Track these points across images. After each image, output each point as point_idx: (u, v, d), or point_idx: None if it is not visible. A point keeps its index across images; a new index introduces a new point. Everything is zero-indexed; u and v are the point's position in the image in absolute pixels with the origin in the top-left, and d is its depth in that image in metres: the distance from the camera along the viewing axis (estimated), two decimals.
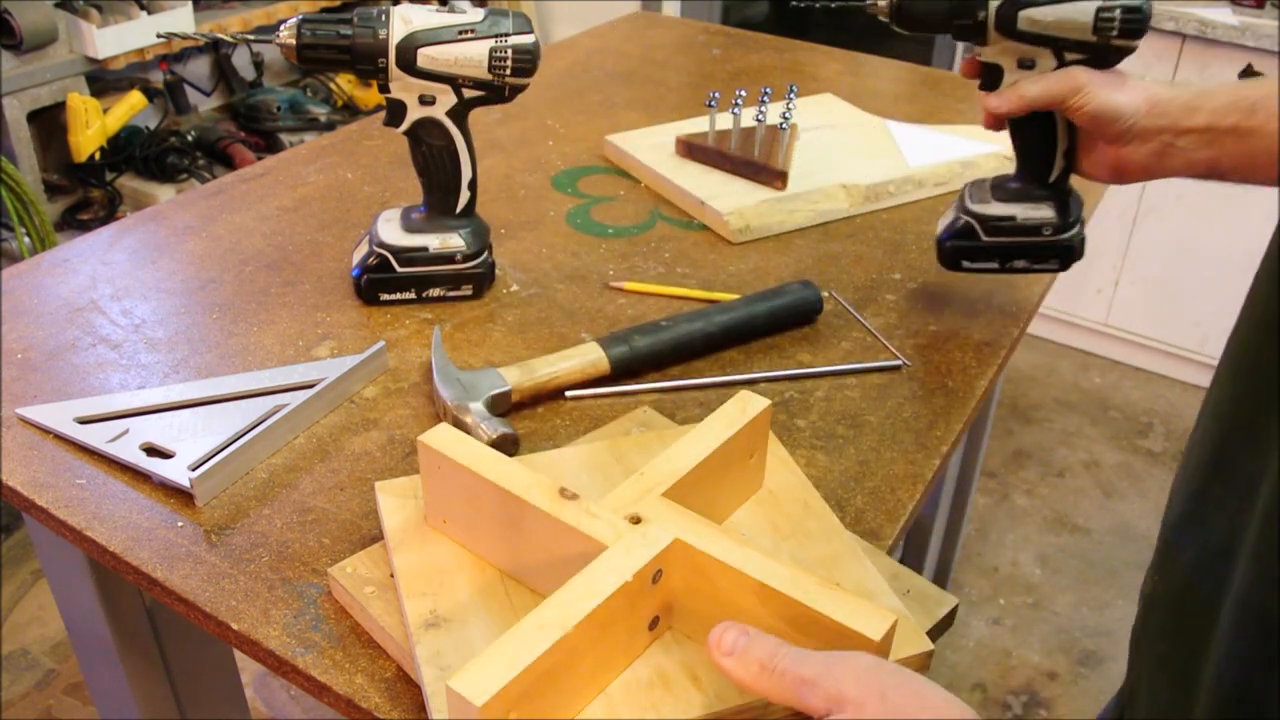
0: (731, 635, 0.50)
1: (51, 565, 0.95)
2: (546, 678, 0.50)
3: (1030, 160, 0.93)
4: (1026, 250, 0.95)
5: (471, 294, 1.00)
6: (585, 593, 0.52)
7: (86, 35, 2.27)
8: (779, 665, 0.48)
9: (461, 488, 0.63)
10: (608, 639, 0.54)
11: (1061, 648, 1.96)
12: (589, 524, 0.58)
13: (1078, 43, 0.85)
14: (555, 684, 0.51)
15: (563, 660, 0.50)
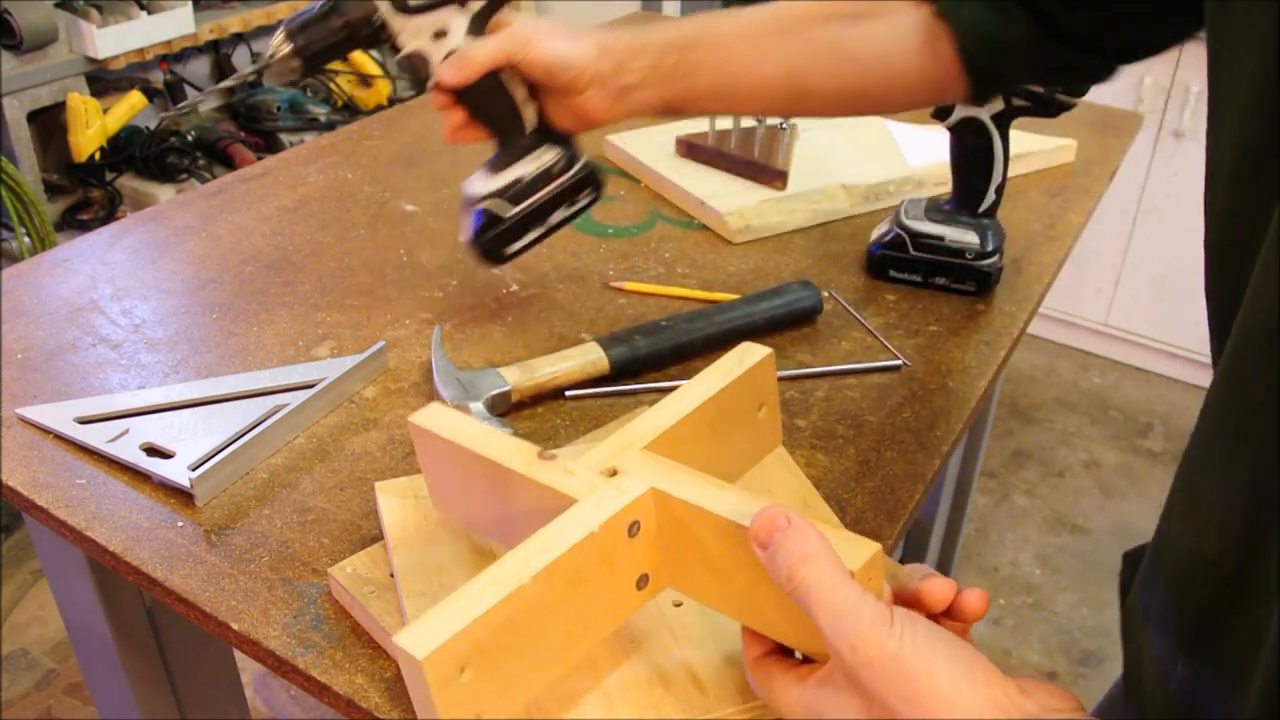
0: (768, 526, 0.46)
1: (51, 565, 0.95)
2: (507, 634, 0.47)
3: (965, 190, 1.02)
4: (948, 270, 1.03)
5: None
6: (546, 545, 0.50)
7: (86, 35, 2.27)
8: (798, 581, 0.45)
9: (454, 465, 0.62)
10: (581, 596, 0.51)
11: (1061, 648, 1.96)
12: (563, 481, 0.55)
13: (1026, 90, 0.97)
14: (521, 641, 0.48)
15: (524, 616, 0.48)
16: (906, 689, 0.41)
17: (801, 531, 0.45)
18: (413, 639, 0.44)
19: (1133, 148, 1.45)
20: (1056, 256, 1.11)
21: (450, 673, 0.45)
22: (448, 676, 0.45)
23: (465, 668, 0.45)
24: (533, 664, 0.49)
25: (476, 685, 0.46)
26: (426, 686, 0.44)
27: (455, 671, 0.45)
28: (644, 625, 0.62)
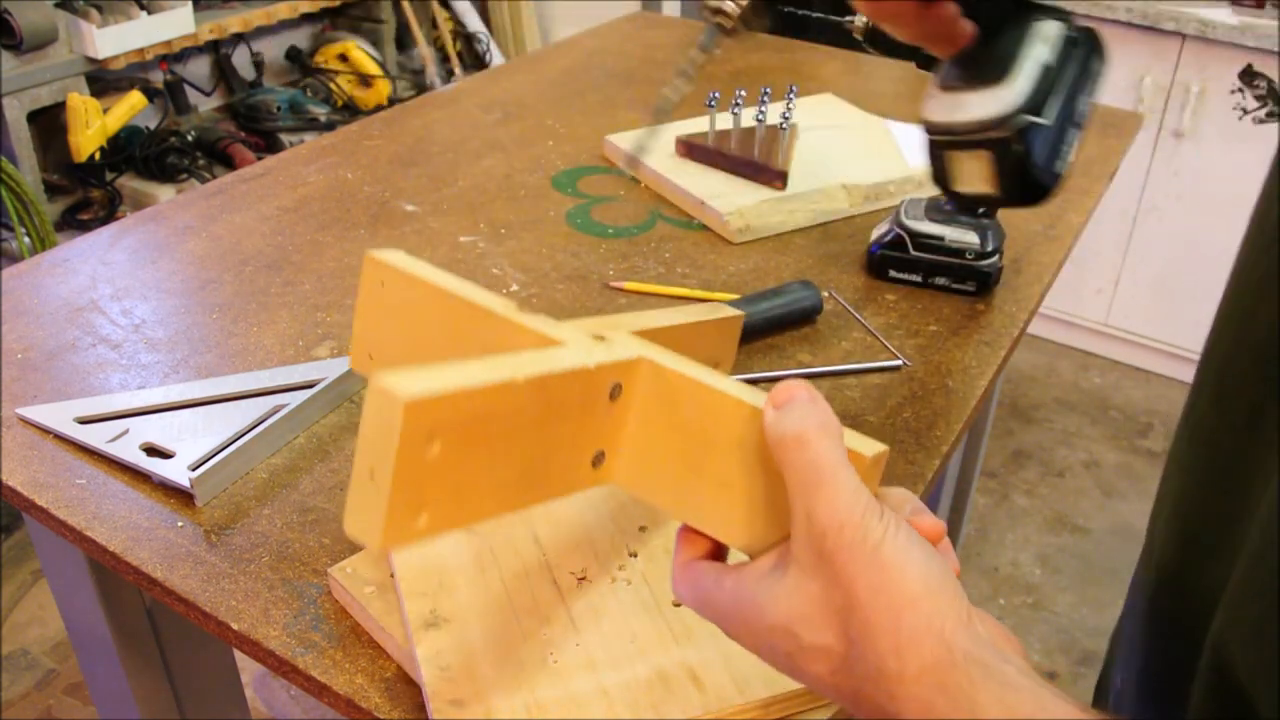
0: (789, 391, 0.44)
1: (51, 565, 0.95)
2: (481, 427, 0.42)
3: None
4: (948, 270, 1.02)
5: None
6: (539, 360, 0.45)
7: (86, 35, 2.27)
8: (807, 442, 0.43)
9: (414, 309, 0.55)
10: (553, 433, 0.46)
11: (1061, 648, 1.96)
12: (551, 328, 0.50)
13: None
14: (490, 445, 0.43)
15: (503, 418, 0.43)
16: (877, 579, 0.40)
17: (822, 406, 0.44)
18: (400, 381, 0.39)
19: (1133, 148, 1.45)
20: (1056, 256, 1.11)
21: (421, 434, 0.39)
22: (418, 438, 0.39)
23: (436, 438, 0.40)
24: (488, 482, 0.44)
25: (435, 470, 0.41)
26: (396, 435, 0.39)
27: (425, 437, 0.40)
28: (644, 625, 0.62)
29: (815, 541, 0.42)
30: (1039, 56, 0.62)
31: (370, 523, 0.39)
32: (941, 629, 0.40)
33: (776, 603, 0.43)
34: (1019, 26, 0.63)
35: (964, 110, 0.62)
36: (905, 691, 0.39)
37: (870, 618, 0.40)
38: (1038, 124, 0.62)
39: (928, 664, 0.39)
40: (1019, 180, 0.63)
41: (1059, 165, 0.65)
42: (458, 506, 0.43)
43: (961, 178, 0.65)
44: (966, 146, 0.62)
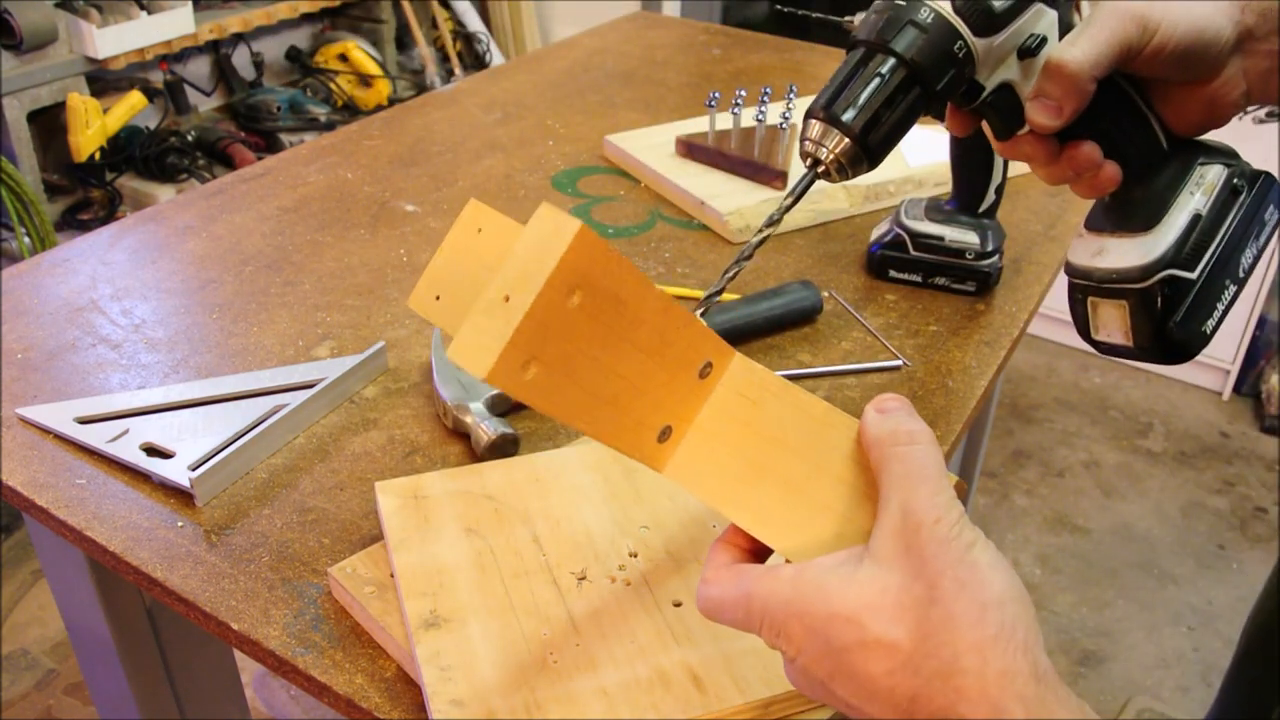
0: (897, 401, 0.46)
1: (51, 565, 0.95)
2: (609, 312, 0.44)
3: (966, 190, 1.00)
4: (948, 270, 1.02)
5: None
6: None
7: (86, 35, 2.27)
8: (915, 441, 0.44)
9: (495, 259, 0.54)
10: (649, 367, 0.48)
11: (1061, 648, 1.96)
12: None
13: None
14: (603, 340, 0.45)
15: (627, 316, 0.45)
16: (966, 575, 0.40)
17: (921, 421, 0.46)
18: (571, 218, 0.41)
19: None
20: (1056, 256, 1.11)
21: (574, 275, 0.42)
22: (571, 275, 0.42)
23: (579, 290, 0.42)
24: (588, 380, 0.45)
25: (564, 325, 0.43)
26: (555, 260, 0.41)
27: (576, 280, 0.42)
28: (644, 625, 0.62)
29: (907, 533, 0.41)
30: (1191, 206, 0.57)
31: (486, 349, 0.40)
32: (1025, 639, 0.39)
33: (845, 590, 0.41)
34: (1177, 170, 0.58)
35: (1105, 257, 0.58)
36: (979, 692, 0.38)
37: (954, 610, 0.39)
38: (1181, 278, 0.57)
39: (1009, 669, 0.38)
40: (1157, 336, 0.58)
41: (1207, 324, 0.59)
42: (558, 383, 0.43)
43: (1099, 326, 0.60)
44: (1105, 295, 0.58)
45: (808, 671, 0.43)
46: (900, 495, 0.42)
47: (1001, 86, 0.56)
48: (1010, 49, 0.55)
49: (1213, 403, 2.63)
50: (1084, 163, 0.56)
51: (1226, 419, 2.58)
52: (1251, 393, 2.62)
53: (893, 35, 0.51)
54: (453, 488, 0.71)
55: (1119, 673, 1.90)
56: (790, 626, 0.43)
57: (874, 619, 0.40)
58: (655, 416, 0.49)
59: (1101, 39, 0.52)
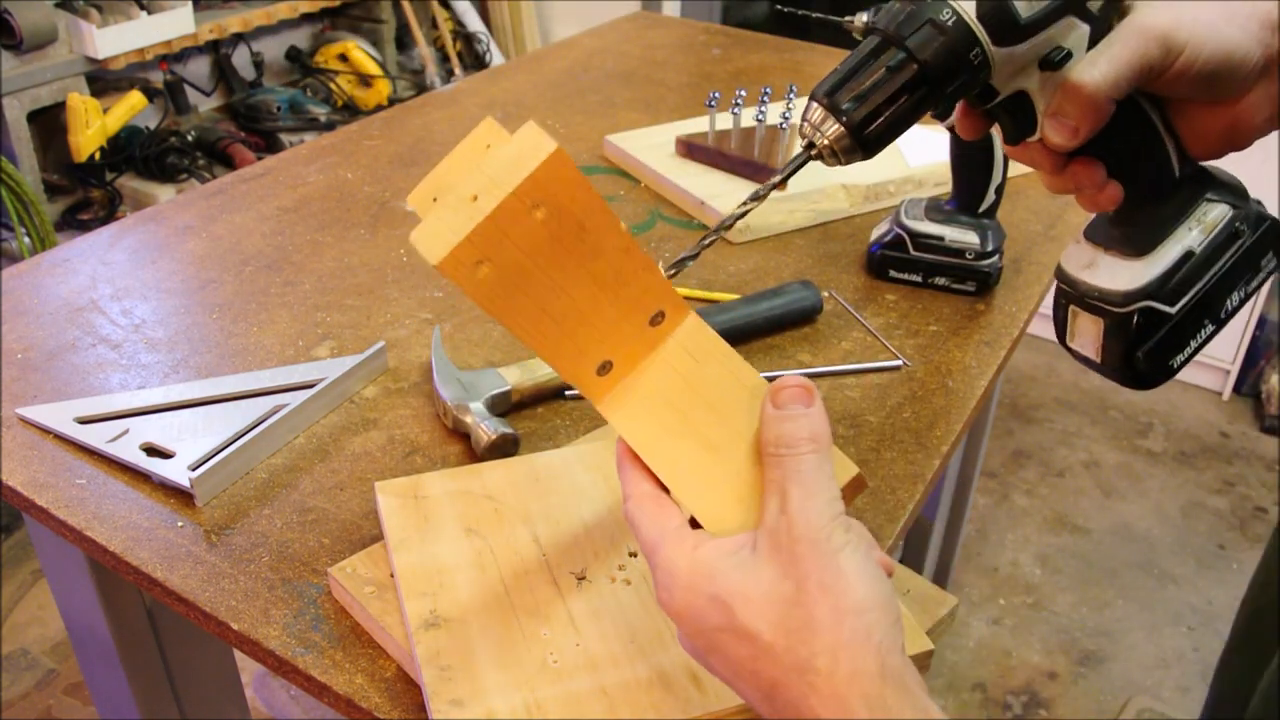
0: (798, 393, 0.48)
1: (51, 565, 0.95)
2: (569, 236, 0.46)
3: (966, 190, 1.00)
4: (948, 269, 1.02)
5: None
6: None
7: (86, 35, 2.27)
8: (797, 452, 0.46)
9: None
10: (600, 298, 0.50)
11: (1061, 648, 1.96)
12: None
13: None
14: (560, 261, 0.47)
15: (586, 241, 0.47)
16: (830, 580, 0.43)
17: (821, 416, 0.47)
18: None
19: None
20: (1056, 257, 1.11)
21: (541, 190, 0.44)
22: (536, 192, 0.44)
23: (543, 207, 0.45)
24: (540, 295, 0.47)
25: (523, 236, 0.45)
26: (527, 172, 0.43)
27: (542, 195, 0.44)
28: (644, 625, 0.62)
29: (780, 533, 0.44)
30: (1187, 241, 0.56)
31: (443, 240, 0.43)
32: (880, 643, 0.42)
33: (728, 575, 0.45)
34: (1183, 200, 0.57)
35: (1093, 272, 0.58)
36: (829, 690, 0.41)
37: (814, 613, 0.42)
38: (1160, 311, 0.56)
39: (858, 670, 0.41)
40: (1124, 361, 0.58)
41: (1175, 359, 0.59)
42: (507, 289, 0.46)
43: (1075, 335, 0.61)
44: (1086, 308, 0.59)
45: (689, 641, 0.47)
46: (779, 498, 0.45)
47: (1018, 94, 0.54)
48: (1032, 59, 0.53)
49: (1213, 403, 2.63)
50: (1087, 180, 0.55)
51: (1226, 419, 2.58)
52: (1251, 393, 2.62)
53: (910, 31, 0.51)
54: (453, 488, 0.71)
55: (1119, 673, 1.90)
56: (677, 595, 0.46)
57: (743, 608, 0.43)
58: (598, 349, 0.51)
59: (1123, 59, 0.51)
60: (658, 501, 0.50)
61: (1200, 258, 0.57)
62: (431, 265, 0.43)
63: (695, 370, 0.53)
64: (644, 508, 0.49)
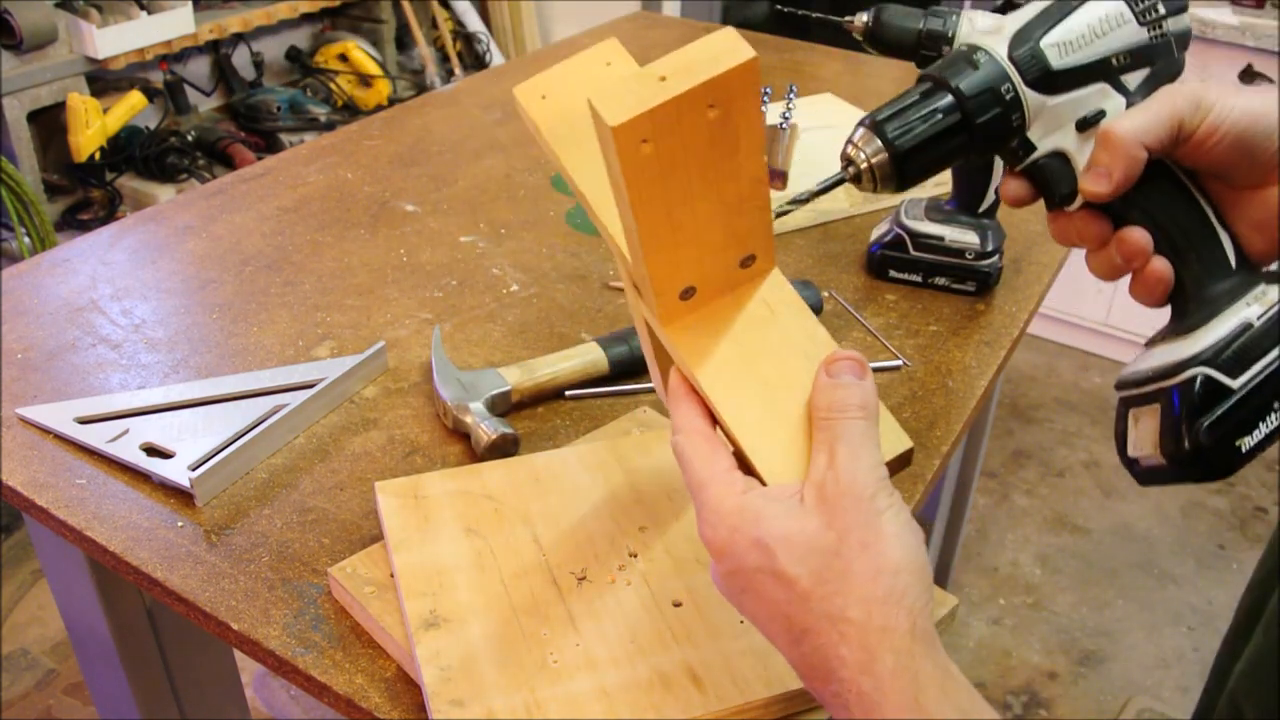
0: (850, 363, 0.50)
1: (51, 565, 0.95)
2: (723, 146, 0.47)
3: (966, 190, 1.01)
4: (948, 269, 1.03)
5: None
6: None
7: (86, 35, 2.27)
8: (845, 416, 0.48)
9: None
10: (722, 218, 0.50)
11: (1061, 648, 1.96)
12: None
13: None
14: (712, 168, 0.48)
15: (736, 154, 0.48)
16: (870, 537, 0.45)
17: (871, 388, 0.50)
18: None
19: None
20: (1056, 256, 1.11)
21: (723, 90, 0.45)
22: (716, 90, 0.45)
23: (718, 108, 0.46)
24: (684, 185, 0.48)
25: (692, 127, 0.46)
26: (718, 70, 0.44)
27: (720, 95, 0.45)
28: (644, 625, 0.62)
29: (827, 485, 0.46)
30: (1244, 315, 0.53)
31: (626, 106, 0.44)
32: (912, 605, 0.44)
33: (774, 521, 0.46)
34: (1238, 284, 0.54)
35: (1145, 360, 0.55)
36: (859, 640, 0.43)
37: (852, 567, 0.44)
38: (1217, 381, 0.52)
39: (890, 626, 0.43)
40: (1183, 442, 0.52)
41: (1244, 441, 0.52)
42: (652, 178, 0.47)
43: (1132, 439, 0.56)
44: (1142, 401, 0.55)
45: (726, 580, 0.48)
46: (825, 456, 0.47)
47: (1057, 154, 0.56)
48: (1068, 118, 0.55)
49: None
50: (1133, 248, 0.54)
51: None
52: None
53: (952, 73, 0.54)
54: (453, 488, 0.71)
55: (1119, 673, 1.90)
56: (721, 532, 0.48)
57: (785, 554, 0.45)
58: (692, 271, 0.52)
59: (1153, 110, 0.52)
60: (710, 441, 0.51)
61: (1260, 330, 0.53)
62: (608, 126, 0.43)
63: (769, 320, 0.53)
64: (695, 444, 0.50)
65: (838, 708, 0.45)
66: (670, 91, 0.44)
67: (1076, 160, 0.55)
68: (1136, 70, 0.55)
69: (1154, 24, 0.55)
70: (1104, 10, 0.54)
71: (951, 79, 0.54)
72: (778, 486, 0.49)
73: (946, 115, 0.54)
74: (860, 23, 0.95)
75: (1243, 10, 2.32)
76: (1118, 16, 0.54)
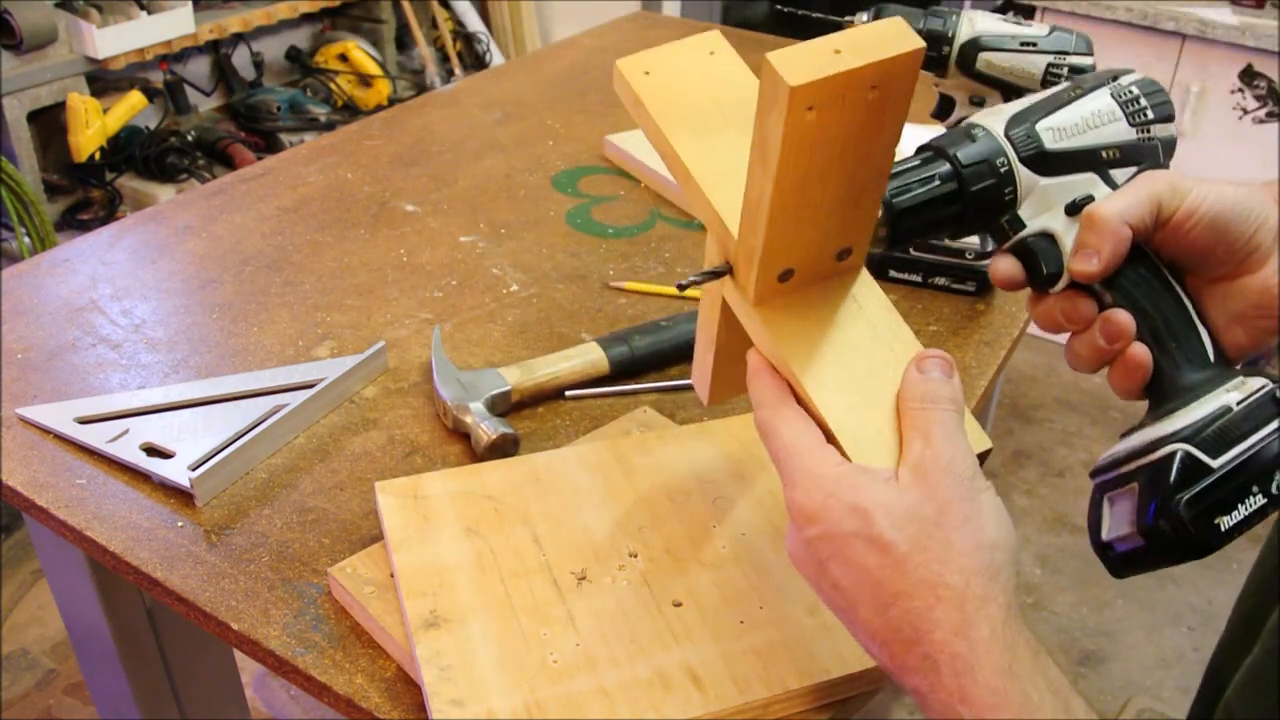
0: (941, 361, 0.52)
1: (51, 565, 0.95)
2: (870, 142, 0.50)
3: None
4: (948, 269, 1.03)
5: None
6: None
7: (86, 35, 2.27)
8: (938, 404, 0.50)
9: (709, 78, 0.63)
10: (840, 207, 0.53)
11: (1061, 648, 1.96)
12: None
13: (1027, 91, 0.88)
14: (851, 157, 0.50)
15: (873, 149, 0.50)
16: (971, 512, 0.47)
17: (959, 386, 0.52)
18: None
19: None
20: None
21: (884, 73, 0.47)
22: (880, 71, 0.47)
23: (878, 90, 0.48)
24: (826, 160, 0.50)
25: (854, 103, 0.48)
26: (887, 52, 0.46)
27: (880, 78, 0.47)
28: (644, 625, 0.62)
29: (924, 466, 0.48)
30: (1223, 399, 0.53)
31: (805, 70, 0.45)
32: (1005, 582, 0.46)
33: (871, 489, 0.48)
34: (1216, 374, 0.55)
35: (1123, 444, 0.55)
36: (956, 605, 0.45)
37: (953, 538, 0.46)
38: (1197, 458, 0.52)
39: (988, 596, 0.45)
40: (1162, 517, 0.52)
41: (1223, 520, 0.52)
42: (806, 147, 0.48)
43: (1108, 524, 0.55)
44: (1119, 484, 0.55)
45: (812, 545, 0.49)
46: (920, 440, 0.49)
47: (1045, 234, 0.57)
48: (1058, 200, 0.57)
49: None
50: (1117, 329, 0.55)
51: None
52: None
53: (950, 144, 0.57)
54: (453, 488, 0.71)
55: (1119, 673, 1.90)
56: (816, 496, 0.49)
57: (884, 519, 0.47)
58: (799, 253, 0.53)
59: (1131, 192, 0.54)
60: (800, 415, 0.52)
61: (1240, 414, 0.53)
62: (787, 85, 0.45)
63: (858, 314, 0.55)
64: (785, 415, 0.52)
65: (924, 670, 0.45)
66: (846, 64, 0.46)
67: (1064, 242, 0.56)
68: (1124, 167, 0.58)
69: (1142, 126, 0.58)
70: (1097, 105, 0.57)
71: (950, 148, 0.56)
72: (872, 466, 0.50)
73: (944, 182, 0.56)
74: (860, 23, 0.95)
75: (1243, 10, 2.32)
76: (1110, 113, 0.57)
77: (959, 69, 0.93)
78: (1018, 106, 0.58)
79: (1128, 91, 0.58)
